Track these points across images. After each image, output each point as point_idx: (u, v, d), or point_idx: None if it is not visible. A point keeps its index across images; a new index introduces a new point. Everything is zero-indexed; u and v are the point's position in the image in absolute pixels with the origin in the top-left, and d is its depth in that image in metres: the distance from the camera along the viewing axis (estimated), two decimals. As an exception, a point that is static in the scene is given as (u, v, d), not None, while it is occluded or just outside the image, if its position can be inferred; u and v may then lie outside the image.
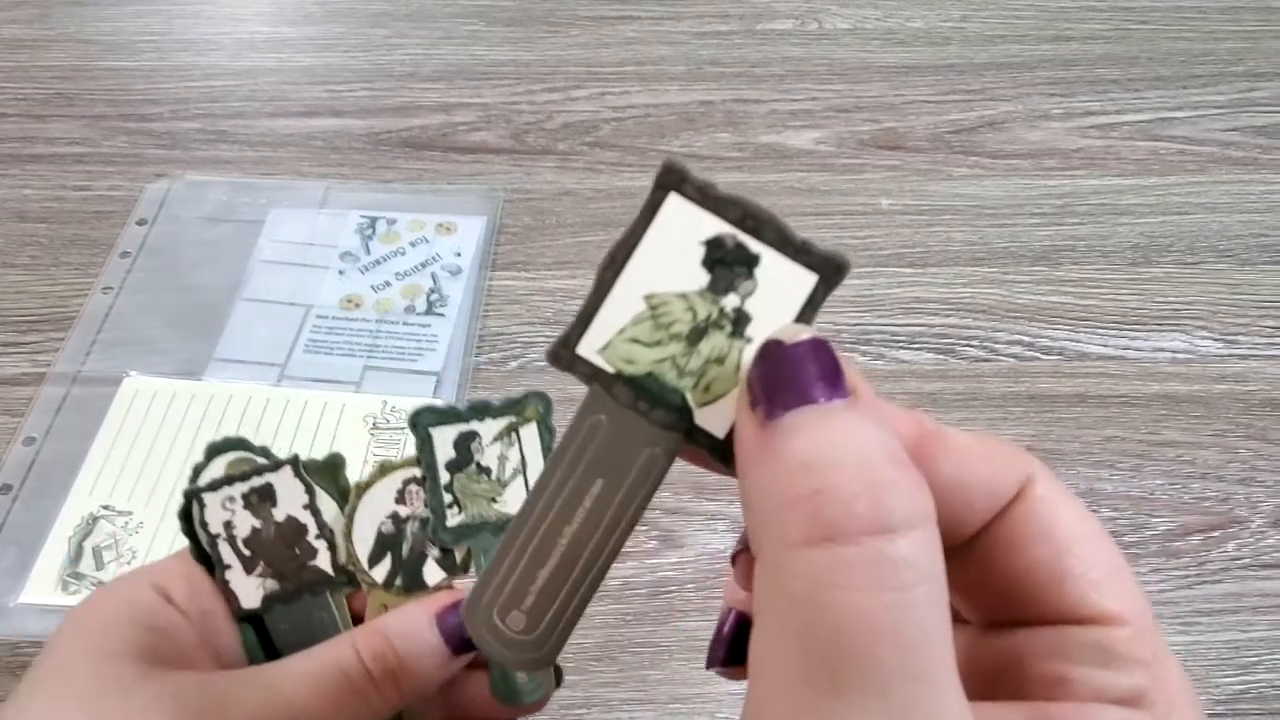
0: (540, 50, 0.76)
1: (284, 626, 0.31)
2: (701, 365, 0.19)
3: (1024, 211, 0.66)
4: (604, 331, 0.20)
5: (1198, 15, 0.80)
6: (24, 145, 0.69)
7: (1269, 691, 0.46)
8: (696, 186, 0.19)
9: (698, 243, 0.19)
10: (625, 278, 0.20)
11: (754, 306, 0.19)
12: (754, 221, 0.19)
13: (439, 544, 0.31)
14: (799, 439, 0.17)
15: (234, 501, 0.31)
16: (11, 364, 0.57)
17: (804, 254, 0.19)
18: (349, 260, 0.62)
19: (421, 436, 0.31)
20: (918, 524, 0.16)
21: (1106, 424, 0.55)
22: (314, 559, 0.31)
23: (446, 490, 0.30)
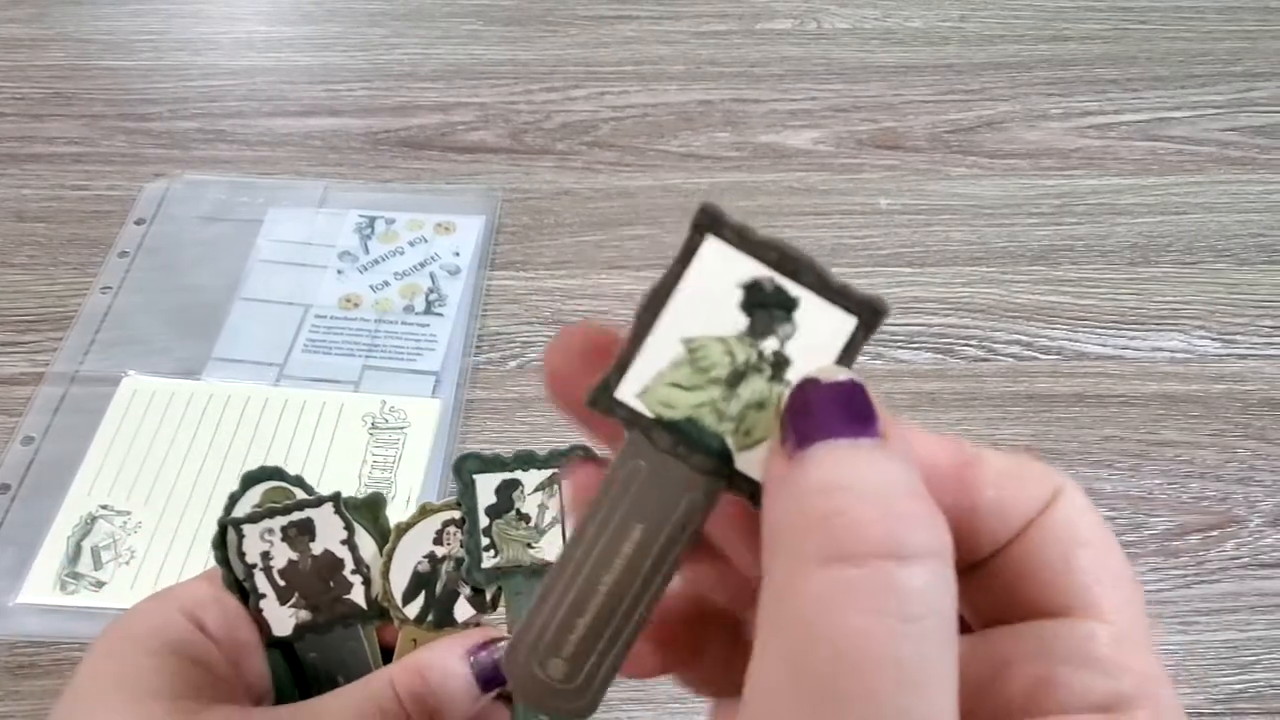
0: (539, 50, 0.76)
1: (314, 655, 0.32)
2: (741, 410, 0.19)
3: (1022, 211, 0.66)
4: (642, 376, 0.19)
5: (1196, 15, 0.80)
6: (22, 145, 0.69)
7: (1267, 690, 0.46)
8: (734, 229, 0.19)
9: (736, 286, 0.19)
10: (663, 321, 0.19)
11: (793, 350, 0.19)
12: (792, 265, 0.19)
13: (472, 584, 0.32)
14: (821, 467, 0.17)
15: (273, 534, 0.31)
16: (10, 364, 0.57)
17: (843, 297, 0.19)
18: (348, 260, 0.62)
19: (465, 482, 0.32)
20: (932, 556, 0.16)
21: (1105, 423, 0.55)
22: (348, 593, 0.32)
23: (485, 534, 0.32)
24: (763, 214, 0.65)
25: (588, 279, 0.62)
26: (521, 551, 0.32)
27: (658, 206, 0.66)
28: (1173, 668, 0.47)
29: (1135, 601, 0.19)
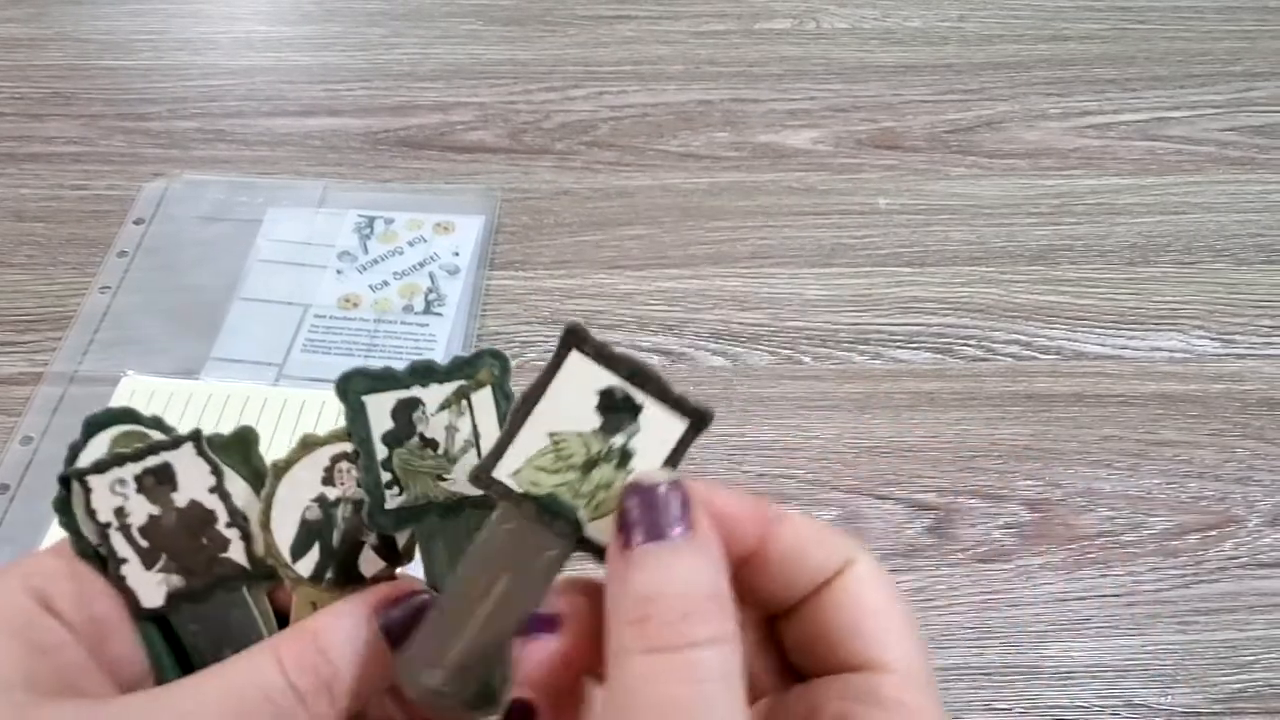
0: (538, 49, 0.76)
1: (194, 628, 0.27)
2: (593, 489, 0.24)
3: (1021, 211, 0.66)
4: (515, 459, 0.24)
5: (1195, 15, 0.80)
6: (21, 144, 0.69)
7: (1266, 690, 0.46)
8: (594, 346, 0.24)
9: (593, 391, 0.24)
10: (533, 418, 0.24)
11: (636, 445, 0.24)
12: (640, 378, 0.24)
13: (376, 530, 0.27)
14: (642, 573, 0.22)
15: (125, 485, 0.26)
16: (9, 363, 0.57)
17: (678, 405, 0.24)
18: (347, 260, 0.62)
19: (353, 406, 0.26)
20: (720, 641, 0.21)
21: (1104, 423, 0.55)
22: (226, 550, 0.27)
23: (384, 467, 0.26)
24: (761, 213, 0.66)
25: (587, 279, 0.62)
26: (431, 485, 0.27)
27: (657, 206, 0.66)
28: (1172, 667, 0.47)
29: (916, 652, 0.24)
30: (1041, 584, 0.49)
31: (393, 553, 0.27)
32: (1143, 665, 0.47)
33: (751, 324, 0.60)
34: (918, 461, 0.54)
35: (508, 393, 0.27)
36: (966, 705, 0.46)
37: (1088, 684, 0.46)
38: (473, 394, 0.27)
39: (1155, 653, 0.47)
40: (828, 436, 0.54)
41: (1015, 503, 0.52)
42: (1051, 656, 0.47)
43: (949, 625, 0.48)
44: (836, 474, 0.53)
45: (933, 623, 0.48)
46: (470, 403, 0.27)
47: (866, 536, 0.51)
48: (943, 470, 0.53)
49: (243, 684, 0.24)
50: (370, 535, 0.27)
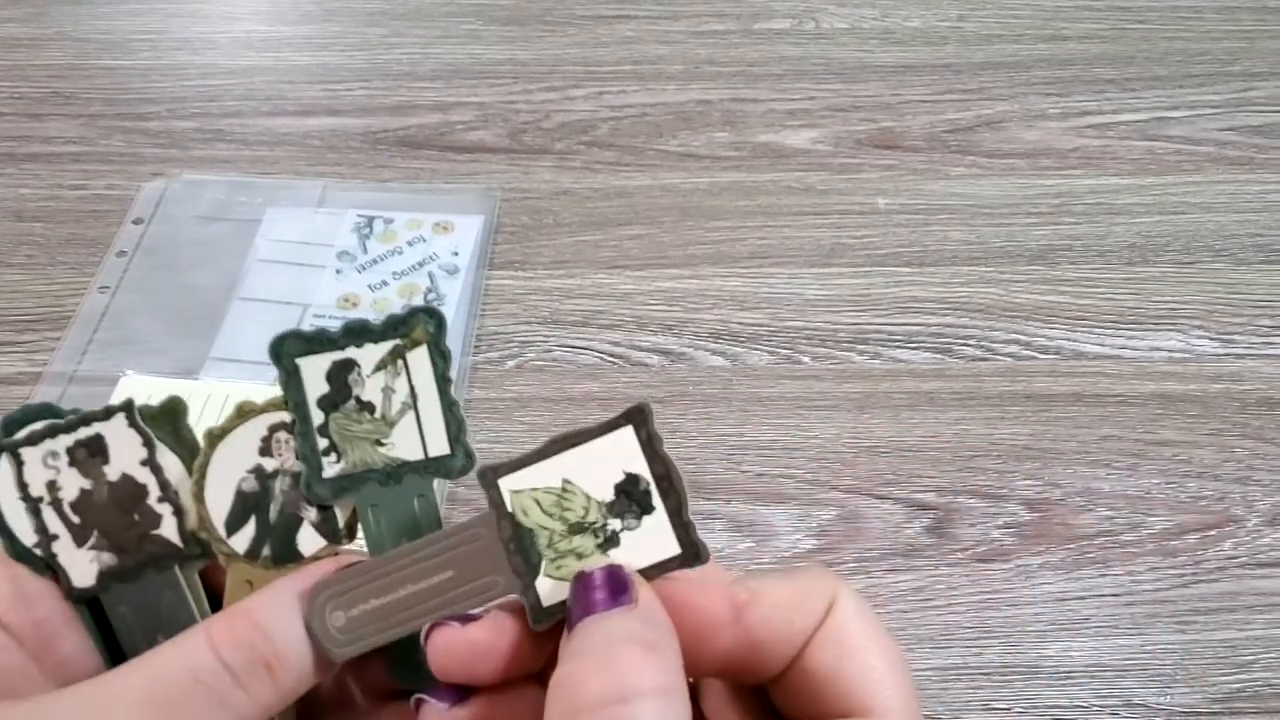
0: (537, 49, 0.76)
1: (123, 609, 0.25)
2: (566, 550, 0.24)
3: (1021, 211, 0.66)
4: (524, 481, 0.24)
5: (1194, 15, 0.80)
6: (20, 144, 0.68)
7: (1265, 690, 0.46)
8: (647, 434, 0.24)
9: (621, 470, 0.24)
10: (562, 457, 0.24)
11: (626, 539, 0.24)
12: (668, 484, 0.24)
13: (315, 501, 0.25)
14: (574, 639, 0.22)
15: (57, 458, 0.25)
16: (8, 363, 0.56)
17: (682, 530, 0.24)
18: (346, 259, 0.62)
19: (287, 369, 0.26)
20: (652, 694, 0.21)
21: (1103, 423, 0.55)
22: (157, 527, 0.26)
23: (321, 434, 0.25)
24: (761, 213, 0.66)
25: (586, 279, 0.62)
26: (370, 451, 0.25)
27: (656, 206, 0.66)
28: (1171, 667, 0.47)
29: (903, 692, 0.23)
30: (1040, 584, 0.49)
31: (334, 530, 0.26)
32: (1142, 665, 0.47)
33: (751, 324, 0.60)
34: (917, 461, 0.54)
35: (444, 351, 0.26)
36: (965, 705, 0.46)
37: (1087, 684, 0.46)
38: (408, 353, 0.26)
39: (1154, 652, 0.47)
40: (827, 436, 0.54)
41: (1014, 502, 0.52)
42: (1050, 656, 0.47)
43: (948, 625, 0.48)
44: (835, 474, 0.53)
45: (932, 623, 0.48)
46: (406, 362, 0.26)
47: (865, 536, 0.51)
48: (942, 470, 0.53)
49: (170, 667, 0.22)
50: (310, 511, 0.26)
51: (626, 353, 0.58)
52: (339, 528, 0.26)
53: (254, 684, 0.22)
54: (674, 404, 0.56)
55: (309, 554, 0.26)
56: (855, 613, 0.24)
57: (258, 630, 0.23)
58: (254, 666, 0.22)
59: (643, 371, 0.57)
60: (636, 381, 0.56)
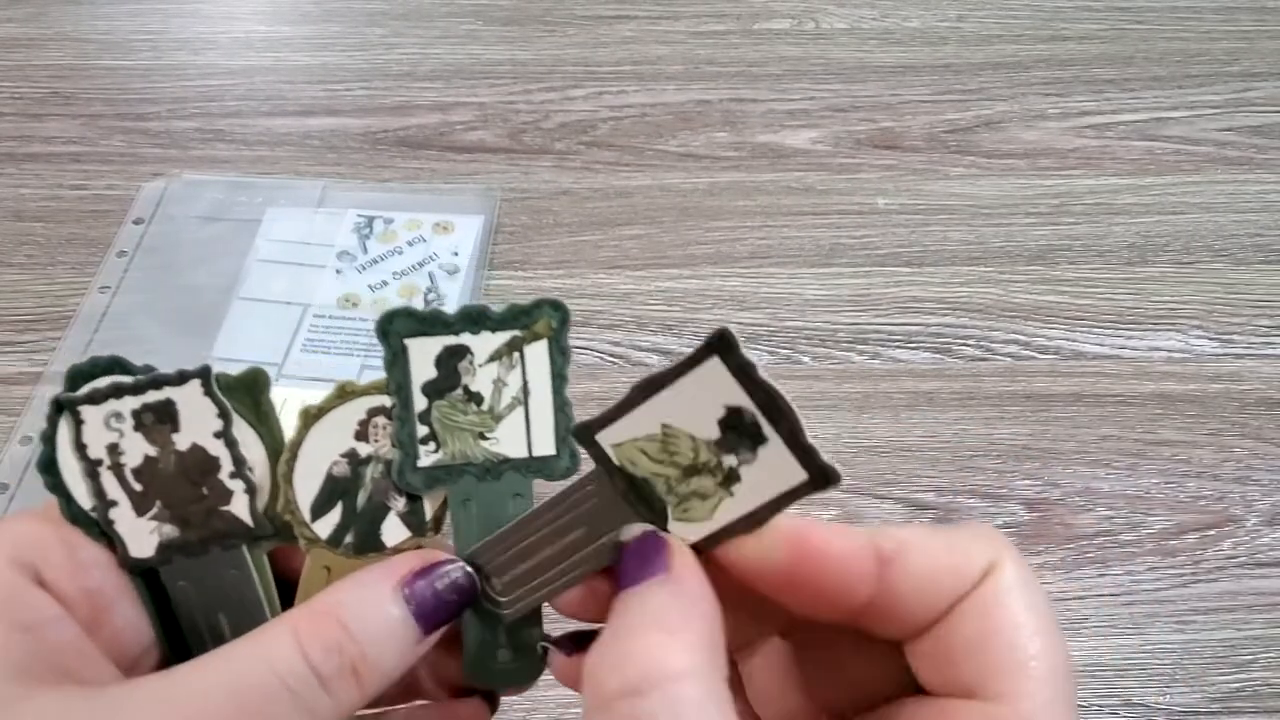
0: (537, 50, 0.76)
1: (182, 583, 0.24)
2: (688, 493, 0.23)
3: (1020, 211, 0.66)
4: (621, 433, 0.23)
5: (1193, 15, 0.81)
6: (20, 144, 0.69)
7: (1264, 690, 0.46)
8: (738, 362, 0.22)
9: (721, 404, 0.22)
10: (652, 403, 0.22)
11: (746, 473, 0.22)
12: (775, 412, 0.22)
13: (405, 489, 0.24)
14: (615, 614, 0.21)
15: (122, 420, 0.23)
16: (8, 363, 0.57)
17: (806, 456, 0.22)
18: (346, 259, 0.62)
19: (394, 349, 0.24)
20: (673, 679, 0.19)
21: (1102, 423, 0.55)
22: (227, 503, 0.24)
23: (421, 420, 0.24)
24: (761, 213, 0.66)
25: (586, 279, 0.62)
26: (472, 444, 0.24)
27: (656, 206, 0.66)
28: (1170, 667, 0.47)
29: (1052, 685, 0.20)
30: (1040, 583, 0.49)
31: (420, 522, 0.25)
32: (1141, 664, 0.47)
33: (750, 324, 0.60)
34: (916, 461, 0.54)
35: (564, 347, 0.25)
36: (965, 704, 0.46)
37: (1086, 683, 0.47)
38: (526, 346, 0.24)
39: (1153, 652, 0.48)
40: (826, 436, 0.55)
41: (1014, 502, 0.52)
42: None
43: (948, 624, 0.48)
44: (835, 473, 0.53)
45: (931, 622, 0.48)
46: (523, 355, 0.24)
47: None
48: (941, 470, 0.53)
49: (257, 669, 0.21)
50: (398, 501, 0.24)
51: (626, 352, 0.58)
52: (425, 520, 0.25)
53: (340, 689, 0.21)
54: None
55: (391, 545, 0.25)
56: (1016, 584, 0.22)
57: (346, 633, 0.22)
58: (342, 672, 0.21)
59: (643, 371, 0.57)
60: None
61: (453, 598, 0.23)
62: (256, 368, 0.25)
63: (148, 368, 0.24)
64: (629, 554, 0.22)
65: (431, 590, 0.23)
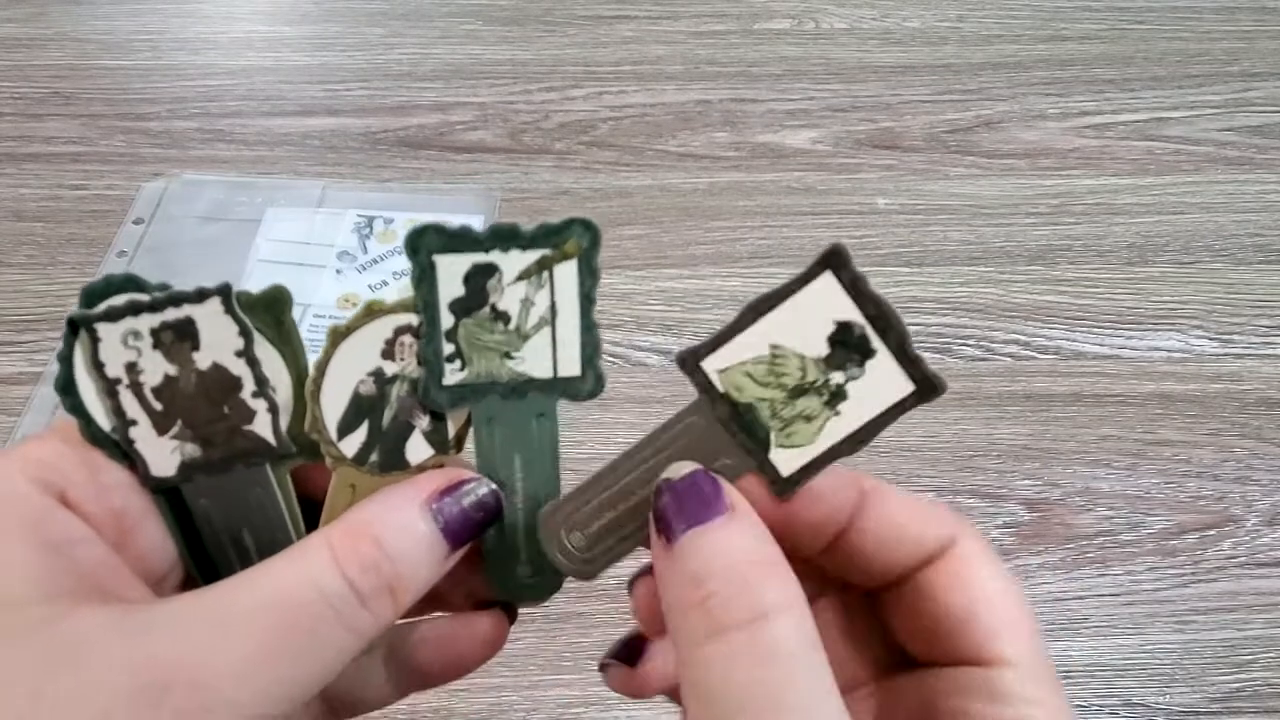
0: (537, 50, 0.76)
1: (205, 502, 0.24)
2: (793, 416, 0.23)
3: (1020, 211, 0.66)
4: (728, 358, 0.23)
5: (1193, 15, 0.81)
6: (20, 144, 0.69)
7: (1264, 690, 0.46)
8: (851, 276, 0.22)
9: (831, 320, 0.22)
10: (762, 323, 0.23)
11: (854, 389, 0.22)
12: (884, 324, 0.22)
13: (431, 406, 0.24)
14: (688, 558, 0.21)
15: (140, 338, 0.23)
16: (8, 363, 0.57)
17: (913, 366, 0.22)
18: (346, 259, 0.62)
19: (422, 265, 0.23)
20: (785, 609, 0.20)
21: (1102, 423, 0.55)
22: (249, 422, 0.24)
23: (448, 338, 0.24)
24: (761, 213, 0.66)
25: (586, 279, 0.62)
26: (497, 363, 0.24)
27: (656, 206, 0.66)
28: (1170, 667, 0.47)
29: (1034, 642, 0.23)
30: (1040, 583, 0.49)
31: (443, 440, 0.25)
32: (1141, 664, 0.47)
33: (750, 324, 0.60)
34: (916, 461, 0.54)
35: (594, 268, 0.24)
36: (965, 704, 0.46)
37: (1086, 683, 0.47)
38: (556, 266, 0.24)
39: (1153, 652, 0.48)
40: (827, 436, 0.54)
41: (1014, 502, 0.52)
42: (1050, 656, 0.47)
43: (948, 624, 0.48)
44: (835, 473, 0.53)
45: (931, 622, 0.48)
46: (552, 275, 0.24)
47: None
48: (941, 470, 0.53)
49: (300, 587, 0.21)
50: (422, 420, 0.24)
51: (626, 353, 0.58)
52: (448, 438, 0.25)
53: (378, 605, 0.22)
54: (674, 404, 0.55)
55: (415, 463, 0.25)
56: (983, 553, 0.23)
57: (381, 551, 0.22)
58: (379, 589, 0.22)
59: (642, 371, 0.57)
60: (636, 382, 0.56)
61: (478, 515, 0.24)
62: (278, 285, 0.24)
63: (163, 286, 0.23)
64: (683, 492, 0.22)
65: (459, 507, 0.23)
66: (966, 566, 0.23)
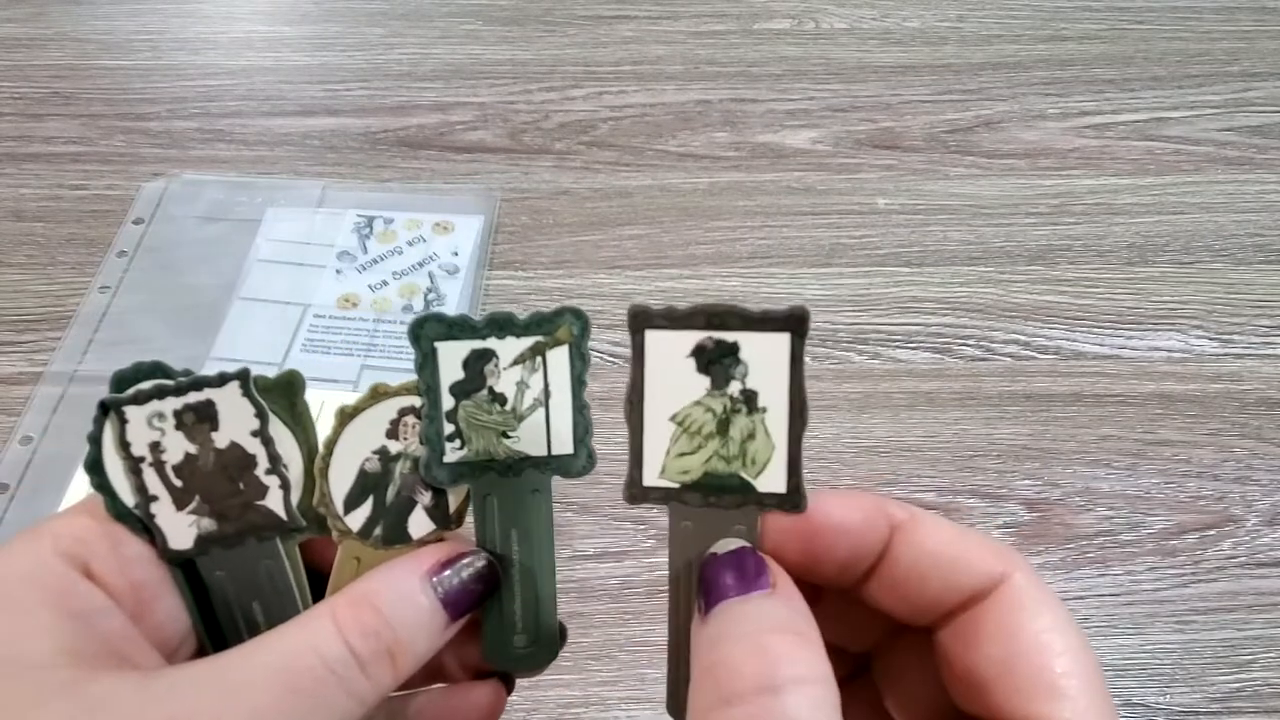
0: (537, 50, 0.76)
1: (220, 574, 0.25)
2: (740, 446, 0.23)
3: (1020, 211, 0.66)
4: (655, 460, 0.23)
5: (1193, 15, 0.81)
6: (20, 144, 0.69)
7: (1264, 690, 0.46)
8: (661, 316, 0.23)
9: (685, 357, 0.23)
10: (648, 413, 0.23)
11: (754, 382, 0.23)
12: (719, 319, 0.22)
13: (433, 483, 0.26)
14: (712, 624, 0.21)
15: (164, 419, 0.25)
16: (8, 363, 0.57)
17: (769, 322, 0.22)
18: (346, 259, 0.62)
19: (424, 351, 0.25)
20: (802, 682, 0.19)
21: (1102, 423, 0.55)
22: (262, 498, 0.25)
23: (448, 419, 0.25)
24: (761, 213, 0.66)
25: (586, 279, 0.62)
26: (494, 442, 0.26)
27: (656, 206, 0.66)
28: (1170, 667, 0.47)
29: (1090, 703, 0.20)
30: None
31: (444, 515, 0.26)
32: (1141, 664, 0.47)
33: (750, 324, 0.60)
34: (916, 461, 0.54)
35: (584, 354, 0.26)
36: (965, 704, 0.46)
37: (1086, 683, 0.46)
38: (549, 351, 0.26)
39: (1153, 652, 0.48)
40: (826, 436, 0.55)
41: (1014, 502, 0.52)
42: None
43: (948, 624, 0.48)
44: (835, 474, 0.53)
45: (931, 622, 0.48)
46: (545, 360, 0.26)
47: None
48: (941, 470, 0.53)
49: (302, 653, 0.22)
50: (424, 496, 0.26)
51: (626, 352, 0.58)
52: (449, 514, 0.26)
53: (378, 671, 0.23)
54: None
55: (417, 537, 0.26)
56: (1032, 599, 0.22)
57: (381, 619, 0.23)
58: (379, 655, 0.23)
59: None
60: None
61: (476, 586, 0.25)
62: (293, 370, 0.26)
63: (187, 372, 0.25)
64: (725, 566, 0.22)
65: (458, 579, 0.24)
66: (1010, 611, 0.21)
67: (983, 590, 0.22)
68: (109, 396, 0.25)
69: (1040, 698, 0.20)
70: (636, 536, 0.51)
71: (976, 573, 0.22)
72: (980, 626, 0.22)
